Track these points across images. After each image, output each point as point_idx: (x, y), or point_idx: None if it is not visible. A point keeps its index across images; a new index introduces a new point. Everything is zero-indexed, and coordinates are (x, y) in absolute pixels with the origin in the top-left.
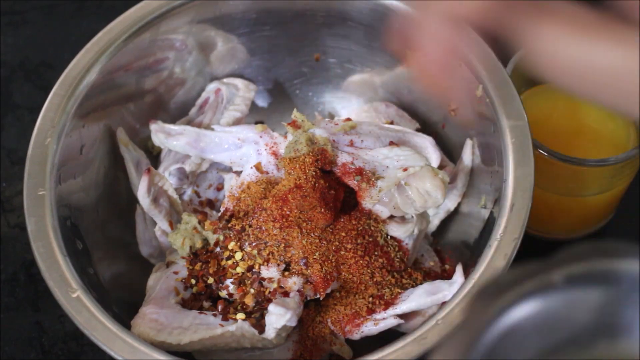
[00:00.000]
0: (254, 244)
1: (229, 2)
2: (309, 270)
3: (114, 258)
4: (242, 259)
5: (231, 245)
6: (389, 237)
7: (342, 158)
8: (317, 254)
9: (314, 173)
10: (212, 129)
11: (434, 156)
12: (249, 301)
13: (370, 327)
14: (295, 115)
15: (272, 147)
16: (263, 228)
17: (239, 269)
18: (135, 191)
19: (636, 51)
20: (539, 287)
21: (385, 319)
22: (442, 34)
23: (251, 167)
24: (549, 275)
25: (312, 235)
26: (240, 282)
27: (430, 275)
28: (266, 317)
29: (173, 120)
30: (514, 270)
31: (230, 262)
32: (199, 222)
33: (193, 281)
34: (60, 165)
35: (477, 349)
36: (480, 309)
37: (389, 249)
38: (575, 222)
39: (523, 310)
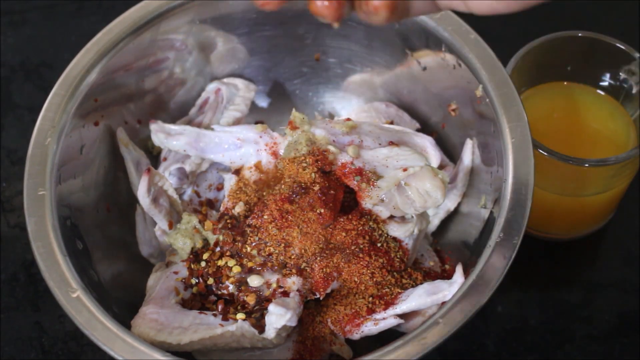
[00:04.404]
0: (254, 244)
1: (229, 2)
2: (308, 270)
3: (114, 258)
4: (237, 265)
5: (224, 261)
6: (389, 237)
7: (342, 158)
8: (317, 254)
9: (314, 173)
10: (212, 129)
11: (434, 156)
12: (251, 300)
13: (370, 327)
14: (294, 115)
15: (272, 147)
16: (263, 228)
17: (235, 270)
18: (135, 191)
19: None
20: None
21: (385, 319)
22: None
23: (251, 167)
24: None
25: (312, 235)
26: (240, 283)
27: (430, 275)
28: (266, 317)
29: (173, 120)
30: None
31: (225, 269)
32: (199, 222)
33: (193, 281)
34: (60, 165)
35: None
36: None
37: (389, 249)
38: (575, 222)
39: None
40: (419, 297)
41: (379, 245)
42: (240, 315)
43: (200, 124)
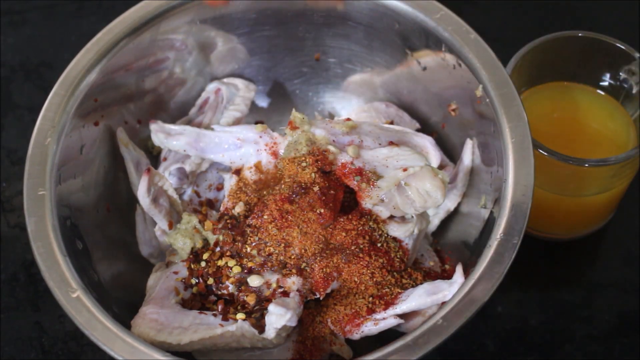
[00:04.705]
0: (254, 244)
1: (229, 2)
2: (308, 270)
3: (114, 258)
4: (238, 265)
5: (224, 261)
6: (389, 237)
7: (342, 158)
8: (317, 254)
9: (314, 173)
10: (212, 129)
11: (434, 156)
12: (251, 300)
13: (370, 327)
14: (294, 115)
15: (272, 147)
16: (263, 228)
17: (235, 270)
18: (135, 191)
19: None
20: None
21: (385, 319)
22: None
23: (251, 167)
24: None
25: (312, 235)
26: (240, 283)
27: (430, 275)
28: (266, 317)
29: (173, 120)
30: None
31: (225, 269)
32: (199, 222)
33: (193, 281)
34: (60, 165)
35: None
36: None
37: (389, 249)
38: (575, 222)
39: None
40: (419, 297)
41: (379, 245)
42: (240, 315)
43: (200, 124)
